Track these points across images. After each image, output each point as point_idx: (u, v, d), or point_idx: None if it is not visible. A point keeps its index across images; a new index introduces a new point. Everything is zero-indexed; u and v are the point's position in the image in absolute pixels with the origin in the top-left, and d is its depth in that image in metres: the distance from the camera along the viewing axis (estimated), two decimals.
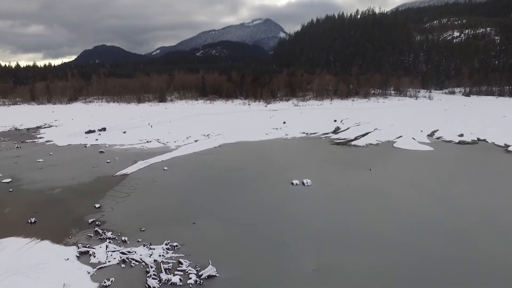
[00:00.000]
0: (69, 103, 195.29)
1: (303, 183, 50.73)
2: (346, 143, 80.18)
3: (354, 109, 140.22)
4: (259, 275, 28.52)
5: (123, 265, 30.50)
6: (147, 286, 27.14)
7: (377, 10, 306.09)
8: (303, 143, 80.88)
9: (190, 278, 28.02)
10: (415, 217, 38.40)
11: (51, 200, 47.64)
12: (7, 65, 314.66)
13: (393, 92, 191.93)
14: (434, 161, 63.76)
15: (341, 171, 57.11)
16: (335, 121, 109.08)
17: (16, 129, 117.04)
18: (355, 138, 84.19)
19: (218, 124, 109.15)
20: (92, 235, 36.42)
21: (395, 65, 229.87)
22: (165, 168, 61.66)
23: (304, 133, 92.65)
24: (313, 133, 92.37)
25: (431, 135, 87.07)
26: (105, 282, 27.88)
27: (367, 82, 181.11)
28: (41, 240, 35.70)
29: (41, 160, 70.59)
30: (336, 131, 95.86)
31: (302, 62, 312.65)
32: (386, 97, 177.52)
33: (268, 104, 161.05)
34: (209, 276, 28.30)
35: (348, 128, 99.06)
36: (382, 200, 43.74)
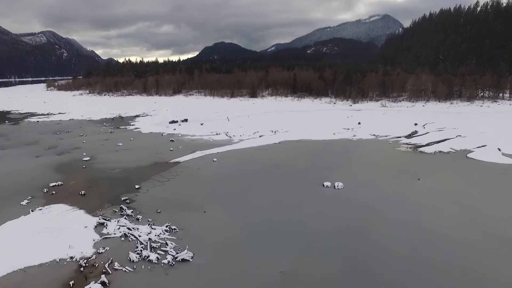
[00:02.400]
0: (172, 96, 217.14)
1: (334, 186, 49.21)
2: (414, 148, 73.65)
3: (447, 113, 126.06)
4: (229, 267, 29.61)
5: (123, 239, 34.70)
6: (128, 259, 30.63)
7: (504, 0, 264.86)
8: (365, 145, 76.77)
9: (166, 258, 30.64)
10: (436, 240, 33.81)
11: (107, 178, 55.47)
12: (131, 61, 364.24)
13: (508, 95, 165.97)
14: (508, 177, 54.76)
15: (384, 178, 53.31)
16: (415, 124, 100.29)
17: (120, 116, 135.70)
18: (427, 144, 76.65)
19: (292, 121, 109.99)
20: (117, 210, 41.80)
21: None
22: (214, 159, 65.56)
23: (374, 135, 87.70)
24: (384, 136, 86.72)
25: None
26: (100, 250, 32.39)
27: (474, 83, 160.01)
28: (79, 209, 42.43)
29: (120, 144, 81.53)
30: (412, 135, 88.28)
31: (409, 60, 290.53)
32: (496, 101, 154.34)
33: (355, 103, 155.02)
34: (183, 260, 30.52)
35: (427, 133, 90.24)
36: (408, 215, 39.71)
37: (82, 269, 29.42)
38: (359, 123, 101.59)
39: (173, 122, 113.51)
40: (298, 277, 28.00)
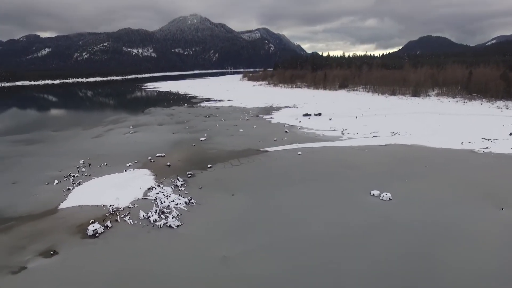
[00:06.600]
0: (336, 90, 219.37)
1: (379, 196, 45.36)
2: None
3: None
4: (195, 243, 33.87)
5: (153, 201, 43.64)
6: (138, 215, 39.31)
7: None
8: (484, 160, 61.89)
9: (160, 222, 37.76)
10: None
11: (198, 156, 66.53)
12: (318, 54, 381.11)
13: None
14: None
15: (455, 199, 44.13)
16: None
17: (270, 106, 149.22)
18: None
19: (427, 125, 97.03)
20: (173, 180, 51.37)
21: None
22: (299, 153, 67.72)
23: None
24: None
25: None
26: (130, 205, 42.42)
27: None
28: (153, 175, 54.29)
29: (241, 130, 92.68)
30: None
31: None
32: None
33: None
34: (169, 226, 37.01)
35: None
36: (438, 250, 32.95)
37: (107, 214, 39.86)
38: (510, 134, 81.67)
39: (306, 115, 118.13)
40: (232, 262, 30.23)
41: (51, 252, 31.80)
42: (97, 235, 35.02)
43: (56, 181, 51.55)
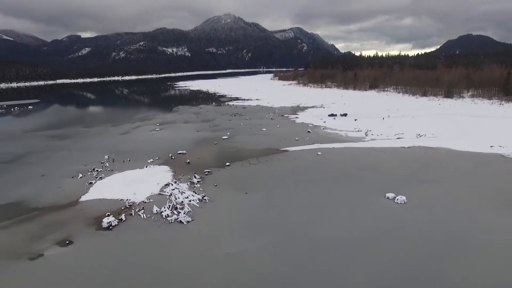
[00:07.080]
0: (366, 91, 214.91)
1: (394, 200, 44.39)
2: None
3: None
4: (201, 239, 34.72)
5: (167, 197, 44.97)
6: (152, 210, 40.72)
7: None
8: None
9: (172, 217, 38.93)
10: None
11: (217, 154, 67.75)
12: (351, 54, 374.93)
13: None
14: None
15: (478, 206, 42.31)
16: None
17: (297, 106, 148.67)
18: None
19: (455, 127, 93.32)
20: (190, 177, 52.64)
21: None
22: (319, 153, 67.23)
23: None
24: None
25: None
26: (146, 200, 43.88)
27: None
28: (171, 172, 55.83)
29: (264, 129, 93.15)
30: None
31: None
32: None
33: None
34: (180, 221, 38.09)
35: None
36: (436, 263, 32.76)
37: (123, 208, 41.56)
38: None
39: (331, 115, 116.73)
40: (234, 260, 30.75)
41: (67, 242, 33.67)
42: (110, 227, 36.63)
43: (81, 175, 54.21)
